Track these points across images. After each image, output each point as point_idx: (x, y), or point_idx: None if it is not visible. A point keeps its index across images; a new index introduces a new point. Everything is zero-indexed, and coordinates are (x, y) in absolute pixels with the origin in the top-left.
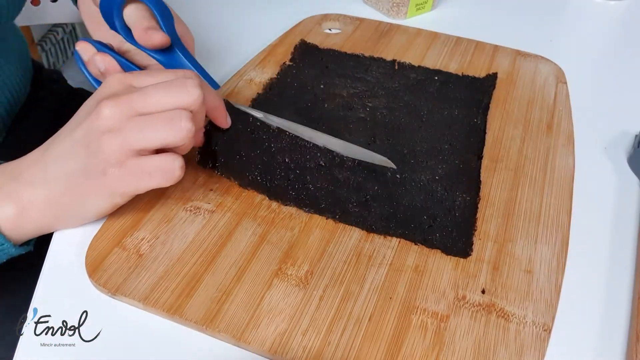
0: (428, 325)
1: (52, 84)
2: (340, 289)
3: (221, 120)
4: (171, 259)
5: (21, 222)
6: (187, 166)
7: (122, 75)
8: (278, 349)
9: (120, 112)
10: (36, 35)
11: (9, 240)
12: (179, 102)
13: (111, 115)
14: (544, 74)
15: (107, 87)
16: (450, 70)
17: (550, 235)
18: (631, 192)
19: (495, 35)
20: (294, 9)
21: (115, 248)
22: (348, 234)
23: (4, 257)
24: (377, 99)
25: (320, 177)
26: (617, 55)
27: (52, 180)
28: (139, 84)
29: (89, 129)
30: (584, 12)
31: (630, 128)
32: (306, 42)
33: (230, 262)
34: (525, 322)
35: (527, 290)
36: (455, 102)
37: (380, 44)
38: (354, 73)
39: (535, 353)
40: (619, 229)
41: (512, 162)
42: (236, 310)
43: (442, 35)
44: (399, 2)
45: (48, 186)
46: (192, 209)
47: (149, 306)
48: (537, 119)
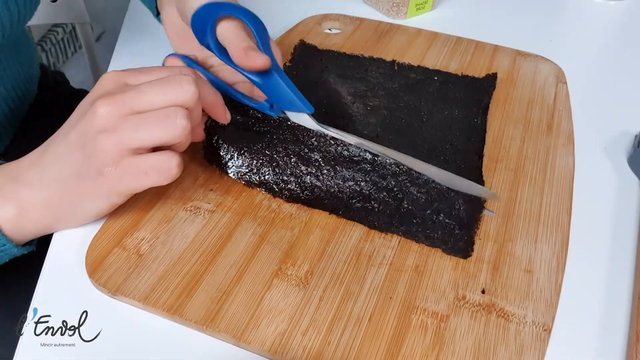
0: (428, 325)
1: (57, 86)
2: (340, 289)
3: (220, 116)
4: (171, 258)
5: (21, 223)
6: (187, 166)
7: (117, 74)
8: (278, 349)
9: (115, 111)
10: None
11: (10, 241)
12: (174, 99)
13: (106, 114)
14: (544, 74)
15: (101, 86)
16: (450, 70)
17: (550, 235)
18: (631, 192)
19: (495, 35)
20: (294, 9)
21: (116, 248)
22: (348, 234)
23: (6, 258)
24: (378, 100)
25: (324, 172)
26: (617, 55)
27: (50, 182)
28: (133, 81)
29: (84, 130)
30: (584, 12)
31: (630, 128)
32: (305, 43)
33: (230, 262)
34: (525, 322)
35: (527, 290)
36: (455, 102)
37: (380, 44)
38: (354, 73)
39: (535, 353)
40: (619, 229)
41: (512, 162)
42: (236, 310)
43: (442, 35)
44: (399, 2)
45: (46, 188)
46: (192, 209)
47: (149, 306)
48: (537, 119)
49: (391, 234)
